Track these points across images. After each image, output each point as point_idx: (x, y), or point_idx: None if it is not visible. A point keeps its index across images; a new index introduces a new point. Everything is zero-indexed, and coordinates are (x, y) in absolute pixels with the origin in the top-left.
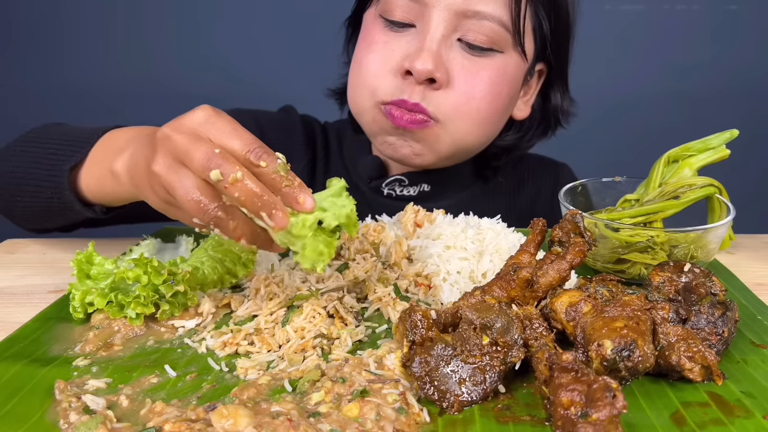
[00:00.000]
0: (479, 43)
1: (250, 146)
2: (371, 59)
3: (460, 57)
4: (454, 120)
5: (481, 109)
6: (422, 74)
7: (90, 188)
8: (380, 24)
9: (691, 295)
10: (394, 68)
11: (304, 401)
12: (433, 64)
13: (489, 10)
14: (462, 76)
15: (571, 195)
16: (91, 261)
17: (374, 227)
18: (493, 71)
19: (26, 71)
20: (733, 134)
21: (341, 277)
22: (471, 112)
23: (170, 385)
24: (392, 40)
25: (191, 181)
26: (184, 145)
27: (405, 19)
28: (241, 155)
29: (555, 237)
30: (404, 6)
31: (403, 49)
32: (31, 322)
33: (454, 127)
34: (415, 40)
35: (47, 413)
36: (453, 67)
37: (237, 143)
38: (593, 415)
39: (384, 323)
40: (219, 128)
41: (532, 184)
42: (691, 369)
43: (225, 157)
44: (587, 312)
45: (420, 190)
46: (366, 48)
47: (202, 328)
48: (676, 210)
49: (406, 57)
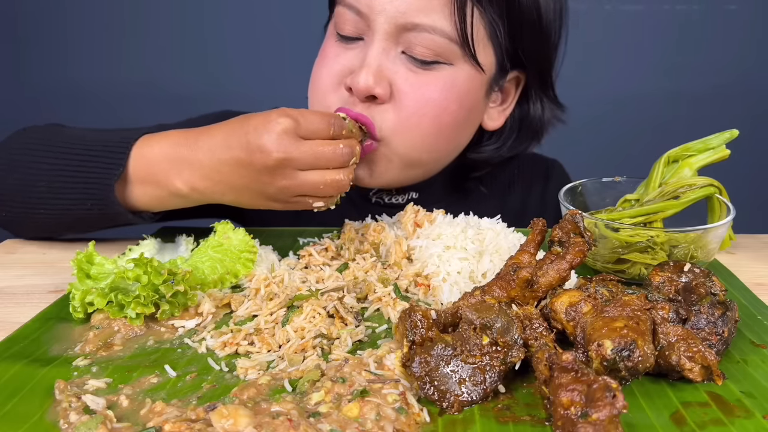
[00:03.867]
0: (423, 56)
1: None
2: (321, 73)
3: (405, 70)
4: (395, 136)
5: (423, 124)
6: (361, 91)
7: (148, 205)
8: (334, 36)
9: (691, 295)
10: (339, 84)
11: (304, 401)
12: (374, 80)
13: (429, 22)
14: (406, 91)
15: (571, 195)
16: (91, 261)
17: (374, 227)
18: (440, 85)
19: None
20: (733, 134)
21: (341, 277)
22: (411, 127)
23: (170, 385)
24: (342, 53)
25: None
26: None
27: (354, 32)
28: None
29: (555, 237)
30: (351, 19)
31: (349, 63)
32: (31, 322)
33: (396, 143)
34: (360, 54)
35: (47, 413)
36: (397, 81)
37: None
38: (593, 415)
39: (384, 323)
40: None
41: (522, 183)
42: (691, 369)
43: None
44: (587, 312)
45: (408, 197)
46: (320, 62)
47: (202, 328)
48: (676, 210)
49: (351, 72)
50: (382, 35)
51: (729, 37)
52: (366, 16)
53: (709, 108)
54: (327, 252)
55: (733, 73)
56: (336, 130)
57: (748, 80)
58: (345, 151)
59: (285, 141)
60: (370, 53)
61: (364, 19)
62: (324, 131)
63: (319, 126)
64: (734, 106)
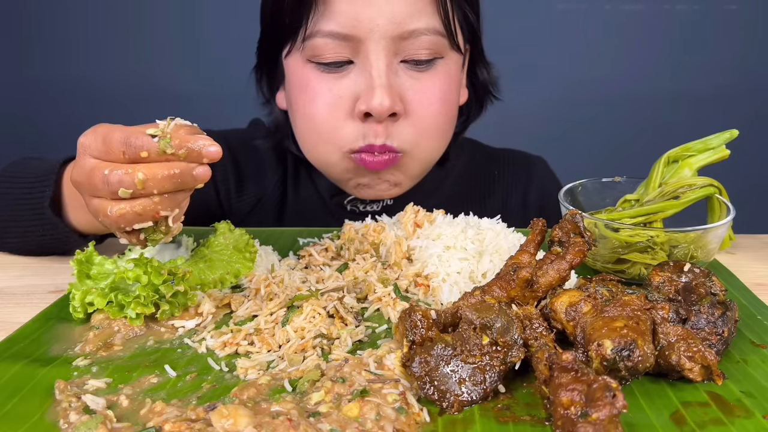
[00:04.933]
0: (422, 57)
1: (120, 146)
2: (320, 111)
3: (407, 78)
4: (418, 145)
5: (440, 123)
6: (383, 113)
7: (85, 228)
8: (313, 69)
9: (691, 295)
10: (348, 113)
11: (304, 401)
12: (390, 100)
13: (423, 24)
14: (415, 99)
15: (571, 195)
16: (91, 261)
17: (374, 227)
18: (441, 81)
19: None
20: (733, 134)
21: (341, 277)
22: (431, 130)
23: (170, 385)
24: (334, 84)
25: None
26: (84, 185)
27: (339, 58)
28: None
29: (555, 237)
30: (335, 46)
31: (350, 90)
32: (31, 322)
33: (419, 151)
34: (361, 77)
35: (47, 413)
36: (405, 93)
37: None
38: (593, 415)
39: (384, 323)
40: (91, 147)
41: (503, 181)
42: (691, 369)
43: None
44: (587, 312)
45: (383, 204)
46: (310, 100)
47: (202, 328)
48: (676, 210)
49: (357, 98)
50: (380, 51)
51: (729, 37)
52: (355, 39)
53: (709, 108)
54: (327, 252)
55: (733, 73)
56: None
57: (749, 80)
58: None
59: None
60: (376, 72)
61: (352, 42)
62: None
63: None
64: (734, 106)
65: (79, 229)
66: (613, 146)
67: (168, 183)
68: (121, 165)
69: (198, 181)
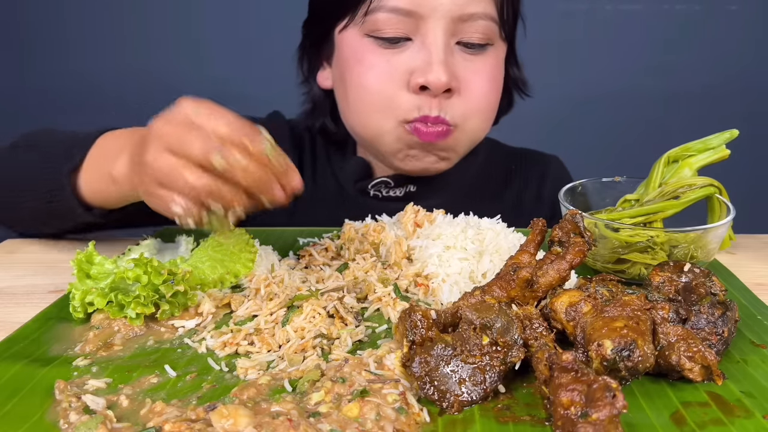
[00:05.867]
0: (476, 41)
1: (238, 129)
2: (375, 81)
3: (461, 59)
4: (468, 121)
5: (491, 102)
6: (440, 87)
7: (92, 193)
8: (370, 44)
9: (691, 295)
10: (403, 85)
11: (304, 401)
12: (447, 76)
13: (481, 9)
14: (468, 78)
15: (571, 195)
16: (91, 261)
17: (374, 227)
18: (491, 64)
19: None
20: (733, 134)
21: (341, 277)
22: (481, 108)
23: (170, 385)
24: (391, 57)
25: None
26: (179, 135)
27: (399, 34)
28: (230, 139)
29: (555, 237)
30: (396, 22)
31: (406, 64)
32: (31, 322)
33: (469, 127)
34: (418, 53)
35: (47, 413)
36: (458, 71)
37: (224, 128)
38: (593, 415)
39: (384, 323)
40: (206, 115)
41: (519, 179)
42: (691, 369)
43: (223, 142)
44: (587, 312)
45: (406, 191)
46: (366, 71)
47: (202, 328)
48: (676, 210)
49: (413, 72)
50: (440, 30)
51: (730, 37)
52: (417, 15)
53: (709, 108)
54: (327, 252)
55: (734, 73)
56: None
57: (749, 80)
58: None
59: (168, 114)
60: (435, 49)
61: (415, 18)
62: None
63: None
64: (734, 106)
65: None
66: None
67: (253, 181)
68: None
69: (274, 197)
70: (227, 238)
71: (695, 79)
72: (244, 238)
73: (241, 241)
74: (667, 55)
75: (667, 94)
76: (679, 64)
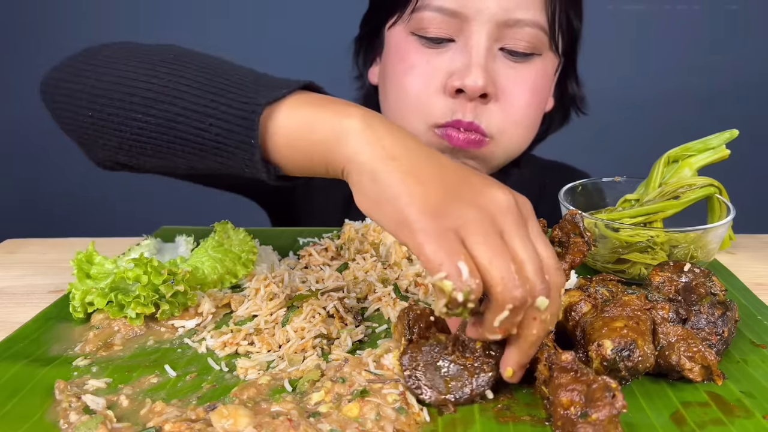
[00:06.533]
0: (521, 49)
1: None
2: (414, 81)
3: (504, 66)
4: (505, 133)
5: (530, 115)
6: (476, 91)
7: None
8: (414, 42)
9: (691, 295)
10: (440, 87)
11: (304, 401)
12: (484, 80)
13: (529, 16)
14: (509, 87)
15: (571, 195)
16: (91, 261)
17: (374, 227)
18: (536, 75)
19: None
20: (733, 134)
21: (341, 277)
22: (520, 121)
23: (170, 385)
24: (432, 58)
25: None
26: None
27: (442, 34)
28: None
29: (555, 237)
30: (441, 22)
31: (446, 66)
32: (31, 322)
33: (506, 139)
34: (459, 55)
35: (47, 413)
36: (499, 78)
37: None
38: (593, 415)
39: (384, 323)
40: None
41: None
42: (691, 369)
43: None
44: (587, 312)
45: None
46: (406, 70)
47: (202, 328)
48: (676, 210)
49: (452, 74)
50: (483, 33)
51: (730, 37)
52: (463, 17)
53: (709, 108)
54: (327, 252)
55: (734, 73)
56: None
57: (749, 80)
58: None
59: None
60: (476, 52)
61: (460, 19)
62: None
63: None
64: (734, 106)
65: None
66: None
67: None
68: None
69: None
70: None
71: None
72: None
73: (241, 241)
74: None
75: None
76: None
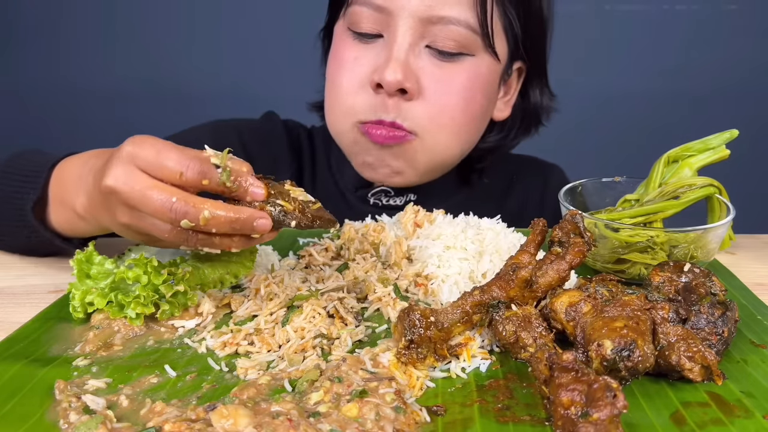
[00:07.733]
0: (448, 48)
1: (178, 166)
2: (343, 77)
3: (430, 64)
4: (431, 132)
5: (456, 117)
6: (392, 85)
7: (63, 228)
8: (349, 37)
9: (691, 295)
10: (364, 83)
11: (304, 401)
12: (402, 74)
13: (454, 14)
14: (433, 85)
15: (571, 195)
16: (91, 261)
17: (374, 227)
18: (465, 76)
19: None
20: (733, 134)
21: (341, 277)
22: (446, 122)
23: (170, 385)
24: (361, 54)
25: (164, 225)
26: (136, 200)
27: (372, 30)
28: (176, 179)
29: (555, 237)
30: (369, 16)
31: (372, 61)
32: (30, 322)
33: (432, 140)
34: (383, 51)
35: (47, 413)
36: (423, 76)
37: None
38: (594, 415)
39: (384, 323)
40: (139, 157)
41: (520, 187)
42: (691, 369)
43: (186, 202)
44: (587, 312)
45: (406, 200)
46: (337, 66)
47: (202, 328)
48: (676, 210)
49: (375, 69)
50: (407, 29)
51: (729, 37)
52: (388, 12)
53: (709, 108)
54: (327, 252)
55: (734, 73)
56: (191, 176)
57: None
58: (176, 207)
59: (120, 170)
60: (396, 48)
61: (385, 14)
62: (170, 173)
63: (167, 164)
64: (734, 106)
65: (60, 231)
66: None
67: (227, 227)
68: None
69: (257, 231)
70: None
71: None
72: None
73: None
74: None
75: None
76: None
